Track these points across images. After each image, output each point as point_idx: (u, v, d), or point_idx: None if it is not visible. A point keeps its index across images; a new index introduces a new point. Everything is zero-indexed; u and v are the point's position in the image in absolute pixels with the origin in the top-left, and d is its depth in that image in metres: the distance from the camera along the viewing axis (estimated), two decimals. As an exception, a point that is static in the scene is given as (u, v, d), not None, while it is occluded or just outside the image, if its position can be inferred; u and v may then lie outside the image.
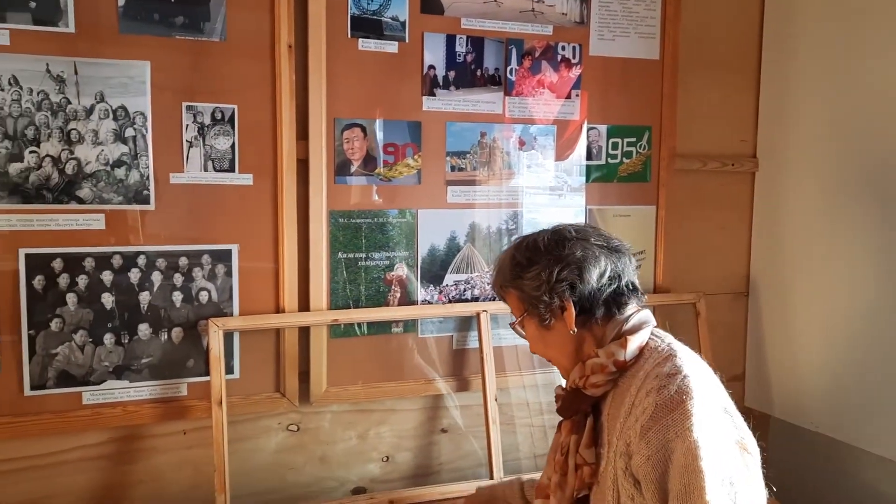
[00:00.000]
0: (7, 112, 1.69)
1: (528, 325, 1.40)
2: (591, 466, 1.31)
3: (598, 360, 1.31)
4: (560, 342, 1.36)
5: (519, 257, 1.37)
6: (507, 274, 1.39)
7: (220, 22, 1.84)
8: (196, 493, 1.94)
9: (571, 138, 2.21)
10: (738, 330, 2.52)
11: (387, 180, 2.03)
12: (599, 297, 1.33)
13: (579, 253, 1.33)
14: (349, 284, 2.02)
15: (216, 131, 1.86)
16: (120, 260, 1.80)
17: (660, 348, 1.31)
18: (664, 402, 1.20)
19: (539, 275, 1.32)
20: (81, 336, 1.78)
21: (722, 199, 2.45)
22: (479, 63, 2.08)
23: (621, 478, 1.24)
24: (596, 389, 1.32)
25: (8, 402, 1.75)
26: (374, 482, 2.13)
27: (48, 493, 1.83)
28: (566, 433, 1.38)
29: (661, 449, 1.18)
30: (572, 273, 1.31)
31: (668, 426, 1.18)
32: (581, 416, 1.35)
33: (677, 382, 1.22)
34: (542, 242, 1.36)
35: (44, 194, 1.73)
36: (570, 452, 1.35)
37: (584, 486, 1.32)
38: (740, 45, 2.43)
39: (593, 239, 1.36)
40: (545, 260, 1.33)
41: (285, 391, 1.97)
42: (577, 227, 1.39)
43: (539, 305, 1.34)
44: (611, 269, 1.34)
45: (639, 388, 1.25)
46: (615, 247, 1.37)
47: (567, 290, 1.31)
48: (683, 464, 1.15)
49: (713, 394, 1.26)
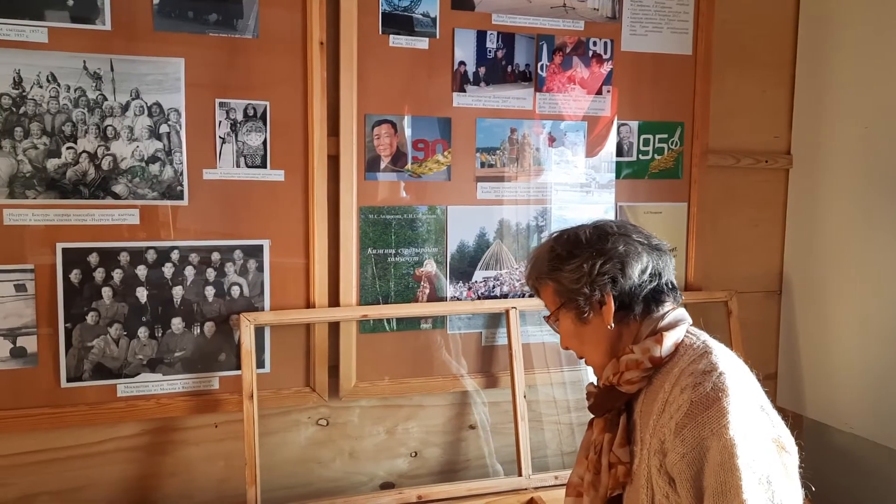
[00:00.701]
0: (45, 109, 1.72)
1: (564, 319, 1.37)
2: (626, 465, 1.30)
3: (633, 356, 1.29)
4: (595, 337, 1.34)
5: (559, 249, 1.35)
6: (544, 266, 1.36)
7: (252, 19, 1.85)
8: (227, 486, 1.96)
9: (602, 134, 2.19)
10: (771, 329, 2.48)
11: (416, 176, 2.04)
12: (639, 293, 1.31)
13: (622, 248, 1.31)
14: (378, 280, 2.03)
15: (248, 128, 1.87)
16: (154, 255, 1.83)
17: (695, 345, 1.30)
18: (700, 399, 1.18)
19: (580, 267, 1.30)
20: (116, 329, 1.81)
21: (755, 195, 2.42)
22: (509, 59, 2.08)
23: (655, 476, 1.23)
24: (630, 386, 1.30)
25: (45, 394, 1.78)
26: (402, 477, 2.14)
27: (84, 483, 1.86)
28: (598, 431, 1.36)
29: (697, 447, 1.17)
30: (615, 267, 1.30)
31: (704, 423, 1.16)
32: (614, 413, 1.34)
33: (713, 379, 1.20)
34: (583, 236, 1.34)
35: (80, 189, 1.76)
36: (604, 451, 1.33)
37: (617, 485, 1.31)
38: (775, 40, 2.39)
39: (635, 235, 1.35)
40: (587, 253, 1.31)
41: (315, 386, 1.98)
42: (618, 223, 1.38)
43: (578, 298, 1.31)
44: (652, 265, 1.32)
45: (673, 385, 1.24)
46: (656, 245, 1.36)
47: (609, 283, 1.30)
48: (719, 462, 1.14)
49: (749, 391, 1.24)
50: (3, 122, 1.69)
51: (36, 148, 1.72)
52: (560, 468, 2.16)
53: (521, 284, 2.14)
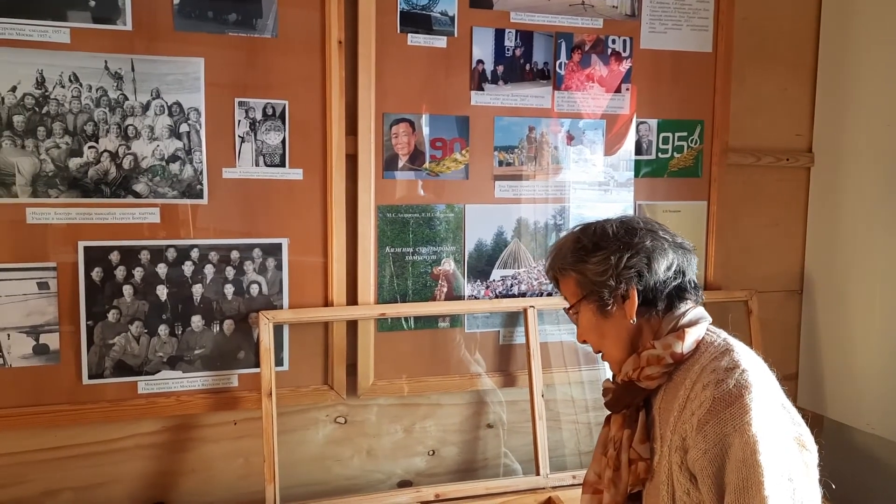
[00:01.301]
0: (67, 108, 1.74)
1: (584, 312, 1.36)
2: (646, 462, 1.30)
3: (654, 351, 1.28)
4: (616, 332, 1.34)
5: (585, 241, 1.34)
6: (568, 257, 1.35)
7: (271, 19, 1.86)
8: (245, 483, 1.98)
9: (620, 133, 2.18)
10: (792, 328, 2.46)
11: (434, 175, 2.04)
12: (664, 289, 1.32)
13: (649, 243, 1.31)
14: (396, 279, 2.03)
15: (267, 127, 1.88)
16: (174, 253, 1.84)
17: (716, 343, 1.29)
18: (722, 395, 1.18)
19: (607, 259, 1.30)
20: (137, 327, 1.83)
21: (776, 194, 2.40)
22: (527, 57, 2.07)
23: (676, 472, 1.23)
24: (650, 382, 1.30)
25: (67, 391, 1.80)
26: (419, 476, 2.14)
27: (105, 480, 1.88)
28: (616, 428, 1.36)
29: (719, 443, 1.16)
30: (641, 262, 1.30)
31: (727, 420, 1.16)
32: (632, 410, 1.33)
33: (736, 376, 1.20)
34: (611, 229, 1.34)
35: (102, 188, 1.78)
36: (623, 447, 1.33)
37: (638, 481, 1.31)
38: (797, 36, 2.37)
39: (661, 232, 1.35)
40: (614, 245, 1.31)
41: (333, 384, 1.99)
42: (644, 219, 1.38)
43: (602, 291, 1.31)
44: (677, 263, 1.32)
45: (694, 382, 1.23)
46: (680, 243, 1.36)
47: (634, 277, 1.30)
48: (741, 458, 1.14)
49: (771, 389, 1.24)
50: (26, 121, 1.71)
51: (58, 147, 1.74)
52: (578, 468, 2.16)
53: (540, 283, 2.14)
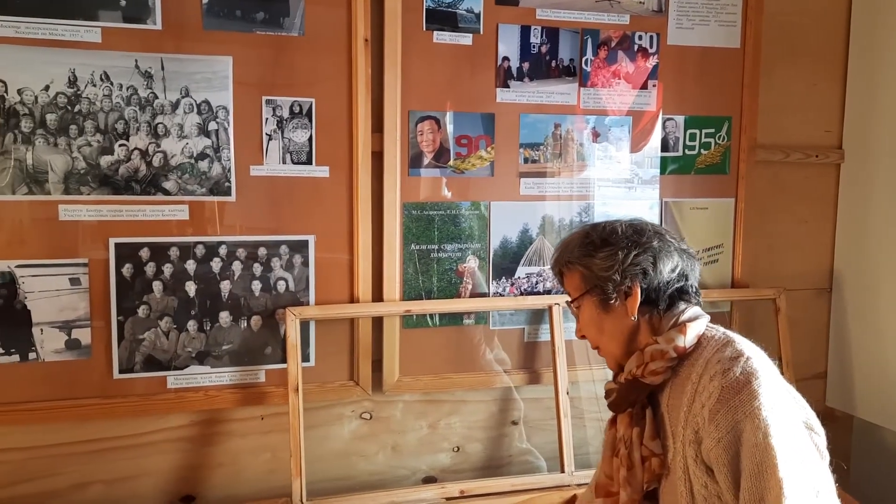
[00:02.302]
0: (99, 107, 1.76)
1: (586, 306, 1.39)
2: (659, 457, 1.31)
3: (657, 346, 1.31)
4: (616, 327, 1.37)
5: (594, 237, 1.38)
6: (575, 251, 1.39)
7: (298, 17, 1.87)
8: (272, 477, 2.00)
9: (646, 129, 2.17)
10: (821, 327, 2.43)
11: (459, 172, 2.04)
12: (666, 290, 1.35)
13: (657, 244, 1.36)
14: (421, 276, 2.04)
15: (294, 124, 1.90)
16: (202, 249, 1.86)
17: (716, 336, 1.32)
18: (730, 384, 1.21)
19: (614, 255, 1.34)
20: (166, 322, 1.85)
21: (805, 191, 2.37)
22: (553, 54, 2.07)
23: (692, 466, 1.24)
24: (655, 377, 1.31)
25: (98, 385, 1.83)
26: (444, 472, 2.15)
27: (135, 473, 1.91)
28: (624, 427, 1.37)
29: (731, 430, 1.18)
30: (647, 260, 1.34)
31: (737, 407, 1.19)
32: (638, 408, 1.35)
33: (741, 364, 1.23)
34: (620, 227, 1.38)
35: (132, 186, 1.80)
36: (634, 445, 1.34)
37: (653, 477, 1.32)
38: (827, 32, 2.34)
39: (668, 236, 1.39)
40: (623, 242, 1.35)
41: (359, 380, 2.00)
42: (652, 224, 1.43)
43: (606, 285, 1.34)
44: (682, 265, 1.37)
45: (700, 375, 1.26)
46: (686, 249, 1.40)
47: (640, 274, 1.33)
48: (754, 442, 1.16)
49: (775, 375, 1.26)
50: (58, 120, 1.74)
51: (90, 145, 1.77)
52: (603, 465, 2.15)
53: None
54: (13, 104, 1.71)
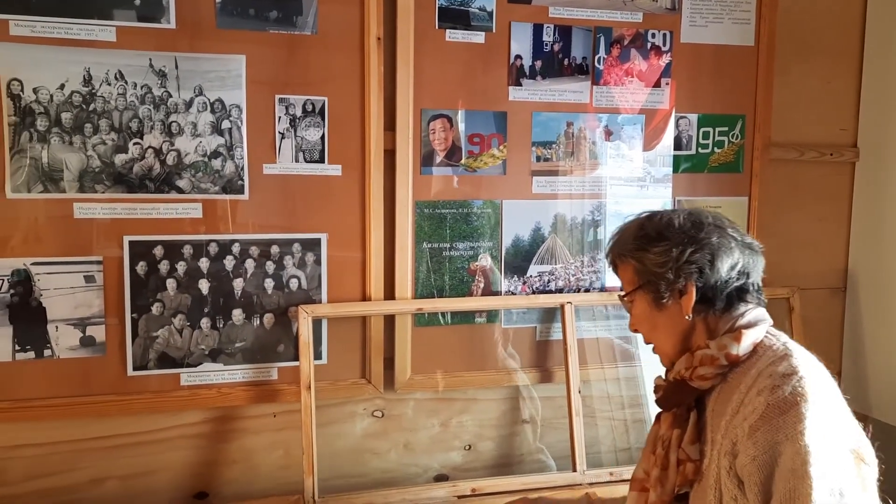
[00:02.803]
0: (113, 105, 1.77)
1: (639, 302, 1.33)
2: (695, 463, 1.26)
3: (708, 351, 1.25)
4: (669, 326, 1.30)
5: (649, 229, 1.31)
6: (629, 243, 1.32)
7: (311, 16, 1.88)
8: (285, 474, 2.01)
9: (659, 128, 2.16)
10: (835, 327, 2.42)
11: (472, 171, 2.04)
12: (725, 289, 1.27)
13: (715, 239, 1.27)
14: (433, 274, 2.04)
15: (307, 123, 1.90)
16: (216, 247, 1.87)
17: (775, 346, 1.25)
18: (777, 402, 1.14)
19: (669, 251, 1.26)
20: (180, 320, 1.87)
21: (819, 190, 2.36)
22: (566, 52, 2.06)
23: (724, 477, 1.19)
24: (703, 382, 1.26)
25: (113, 382, 1.85)
26: (455, 470, 2.15)
27: (150, 469, 1.93)
28: (666, 427, 1.32)
29: (769, 450, 1.13)
30: (704, 258, 1.26)
31: (779, 428, 1.13)
32: (683, 409, 1.29)
33: (792, 383, 1.16)
34: (677, 220, 1.30)
35: (146, 184, 1.81)
36: (672, 447, 1.29)
37: (685, 482, 1.27)
38: (841, 29, 2.32)
39: (730, 230, 1.31)
40: (679, 237, 1.27)
41: (371, 377, 2.01)
42: (714, 215, 1.34)
43: (659, 283, 1.28)
44: (742, 263, 1.28)
45: (749, 387, 1.19)
46: (749, 243, 1.32)
47: (695, 273, 1.26)
48: (791, 468, 1.10)
49: (830, 398, 1.19)
50: (73, 118, 1.75)
51: (105, 144, 1.78)
52: (614, 464, 2.15)
53: (577, 279, 2.13)
54: (29, 103, 1.73)
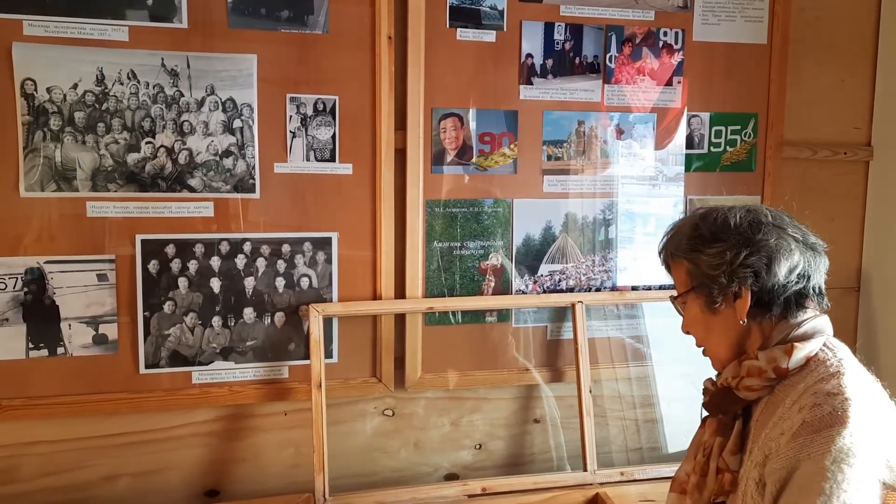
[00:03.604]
0: (126, 105, 1.78)
1: (692, 304, 1.28)
2: (733, 474, 1.22)
3: (756, 362, 1.20)
4: (723, 330, 1.25)
5: (703, 229, 1.25)
6: (683, 243, 1.27)
7: (323, 15, 1.88)
8: (296, 472, 2.01)
9: (671, 126, 2.15)
10: (848, 327, 2.40)
11: (482, 170, 2.04)
12: (782, 293, 1.21)
13: (773, 241, 1.20)
14: (444, 273, 2.04)
15: (318, 122, 1.91)
16: (227, 246, 1.88)
17: (829, 362, 1.19)
18: (813, 420, 1.10)
19: (723, 253, 1.21)
20: (192, 318, 1.87)
21: (832, 188, 2.34)
22: (577, 51, 2.06)
23: (752, 489, 1.16)
24: (749, 393, 1.21)
25: (125, 379, 1.86)
26: (466, 469, 2.15)
27: (161, 466, 1.94)
28: (710, 433, 1.28)
29: (789, 465, 1.09)
30: (760, 261, 1.19)
31: (805, 445, 1.08)
32: (728, 417, 1.25)
33: (834, 404, 1.10)
34: (733, 220, 1.23)
35: (158, 183, 1.82)
36: (713, 455, 1.25)
37: (722, 492, 1.23)
38: (856, 27, 2.30)
39: (790, 230, 1.24)
40: (734, 239, 1.21)
41: (381, 376, 2.01)
42: (774, 212, 1.27)
43: (712, 286, 1.22)
44: (802, 265, 1.21)
45: (794, 402, 1.15)
46: (812, 243, 1.25)
47: (750, 277, 1.20)
48: (801, 484, 1.07)
49: (873, 424, 1.12)
50: (86, 118, 1.76)
51: (117, 143, 1.79)
52: (625, 464, 2.14)
53: (588, 279, 2.13)
54: (42, 102, 1.74)
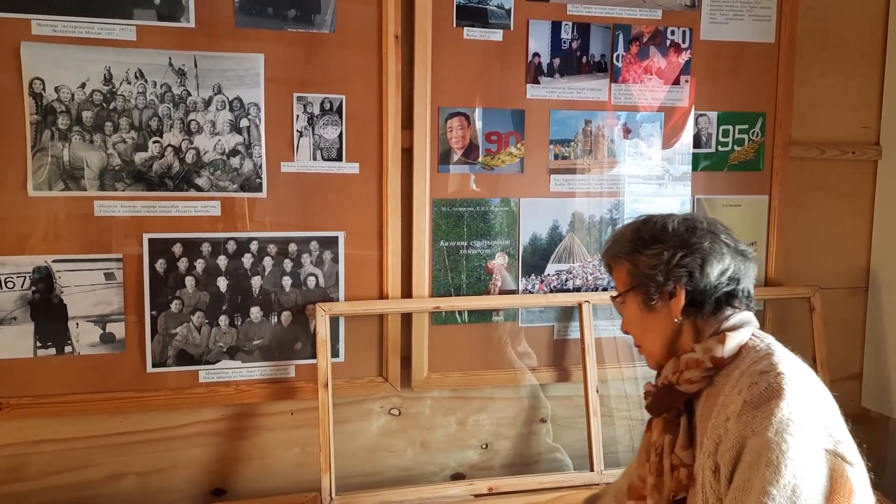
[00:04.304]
0: (133, 104, 1.79)
1: (630, 303, 1.36)
2: (688, 468, 1.26)
3: (693, 354, 1.27)
4: (658, 327, 1.33)
5: (644, 233, 1.34)
6: (624, 246, 1.35)
7: (329, 14, 1.88)
8: (302, 471, 2.01)
9: (678, 126, 2.15)
10: (856, 327, 2.39)
11: (489, 169, 2.03)
12: (713, 294, 1.29)
13: (707, 245, 1.29)
14: (451, 272, 2.04)
15: (325, 121, 1.91)
16: (234, 245, 1.88)
17: (758, 347, 1.26)
18: (752, 398, 1.16)
19: (661, 254, 1.29)
20: (198, 317, 1.88)
21: (840, 188, 2.33)
22: (584, 50, 2.05)
23: (710, 479, 1.20)
24: (690, 386, 1.27)
25: (132, 378, 1.86)
26: (472, 469, 2.15)
27: (167, 465, 1.94)
28: (658, 433, 1.33)
29: (737, 445, 1.15)
30: (695, 262, 1.28)
31: (748, 423, 1.14)
32: (673, 414, 1.31)
33: (768, 380, 1.17)
34: (671, 224, 1.33)
35: (166, 182, 1.82)
36: (665, 453, 1.30)
37: (681, 488, 1.27)
38: (864, 26, 2.29)
39: (723, 236, 1.32)
40: (671, 241, 1.30)
41: (388, 376, 2.01)
42: (708, 220, 1.36)
43: (650, 284, 1.30)
44: (733, 269, 1.30)
45: (733, 388, 1.21)
46: (742, 250, 1.33)
47: (685, 276, 1.28)
48: (749, 461, 1.12)
49: (809, 396, 1.18)
50: (94, 117, 1.77)
51: (125, 142, 1.79)
52: (632, 464, 2.13)
53: (595, 278, 2.12)
54: (50, 101, 1.74)
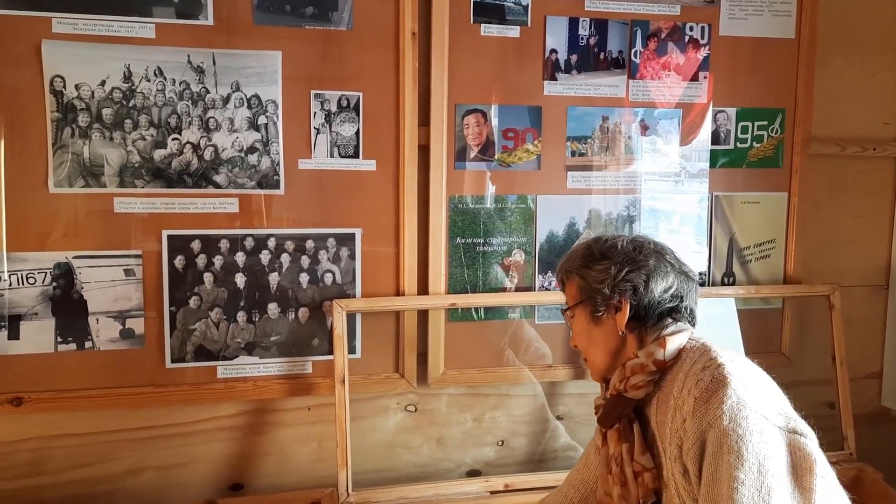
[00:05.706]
0: (153, 101, 1.80)
1: (579, 316, 1.42)
2: (651, 471, 1.31)
3: (637, 360, 1.32)
4: (603, 339, 1.39)
5: (594, 249, 1.41)
6: (576, 261, 1.43)
7: (347, 11, 1.88)
8: (319, 467, 2.02)
9: (696, 122, 2.13)
10: (876, 325, 2.37)
11: (506, 166, 2.03)
12: (657, 308, 1.36)
13: (652, 262, 1.37)
14: (467, 269, 2.04)
15: (342, 118, 1.91)
16: (252, 242, 1.89)
17: (695, 348, 1.32)
18: (700, 394, 1.21)
19: (608, 269, 1.36)
20: (217, 313, 1.89)
21: (861, 185, 2.31)
22: (602, 46, 2.04)
23: (680, 482, 1.23)
24: (637, 391, 1.32)
25: (151, 373, 1.87)
26: (488, 465, 2.15)
27: (185, 460, 1.96)
28: (614, 444, 1.36)
29: (698, 441, 1.19)
30: (639, 277, 1.35)
31: (702, 416, 1.19)
32: (625, 423, 1.35)
33: (711, 372, 1.22)
34: (620, 243, 1.40)
35: (184, 179, 1.83)
36: (625, 462, 1.33)
37: (648, 492, 1.31)
38: (885, 21, 2.27)
39: (668, 257, 1.40)
40: (619, 258, 1.37)
41: (404, 372, 2.01)
42: (656, 242, 1.43)
43: (597, 297, 1.37)
44: (677, 287, 1.37)
45: (681, 389, 1.25)
46: (686, 271, 1.40)
47: (629, 290, 1.35)
48: (712, 452, 1.17)
49: (752, 381, 1.24)
50: (114, 114, 1.78)
51: (144, 139, 1.81)
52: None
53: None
54: (71, 99, 1.76)
